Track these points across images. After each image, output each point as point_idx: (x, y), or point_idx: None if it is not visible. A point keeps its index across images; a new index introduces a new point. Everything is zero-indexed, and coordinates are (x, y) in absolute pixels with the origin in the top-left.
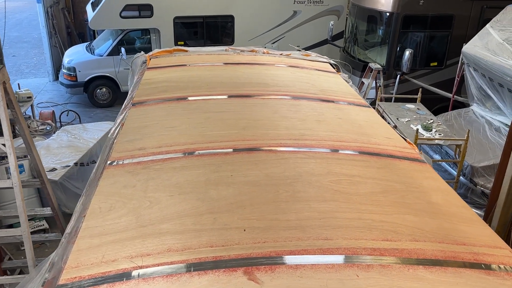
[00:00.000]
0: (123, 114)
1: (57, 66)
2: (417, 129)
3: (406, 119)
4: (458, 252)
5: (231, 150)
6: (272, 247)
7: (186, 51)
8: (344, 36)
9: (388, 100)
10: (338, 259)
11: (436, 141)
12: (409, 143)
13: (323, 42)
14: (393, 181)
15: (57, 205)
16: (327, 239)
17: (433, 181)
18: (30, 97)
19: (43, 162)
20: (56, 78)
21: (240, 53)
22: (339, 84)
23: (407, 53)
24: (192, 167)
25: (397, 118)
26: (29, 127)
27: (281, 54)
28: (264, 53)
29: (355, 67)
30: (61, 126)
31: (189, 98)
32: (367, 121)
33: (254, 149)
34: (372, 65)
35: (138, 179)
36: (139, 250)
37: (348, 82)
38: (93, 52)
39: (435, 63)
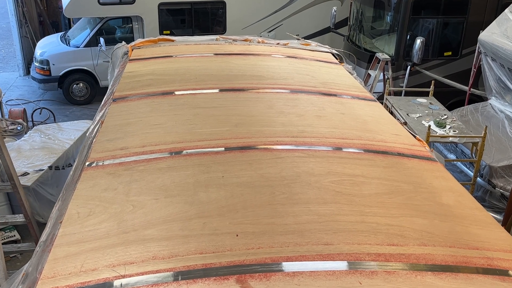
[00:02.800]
0: (103, 111)
1: (28, 59)
2: (429, 126)
3: (417, 115)
4: (471, 257)
5: (223, 149)
6: (267, 253)
7: (173, 40)
8: (349, 23)
9: (397, 94)
10: (340, 265)
11: (450, 139)
12: (419, 140)
13: (325, 30)
14: (400, 181)
15: (31, 212)
16: (328, 244)
17: (444, 181)
18: None
19: (14, 165)
20: (28, 72)
21: (232, 43)
22: (342, 76)
23: (418, 41)
24: (180, 167)
25: (407, 114)
26: None
27: (278, 44)
28: (259, 42)
29: (360, 57)
30: (33, 126)
31: (176, 93)
32: (372, 116)
33: (247, 147)
34: (379, 55)
35: (120, 181)
36: (121, 258)
37: (352, 74)
38: (69, 43)
39: (450, 53)
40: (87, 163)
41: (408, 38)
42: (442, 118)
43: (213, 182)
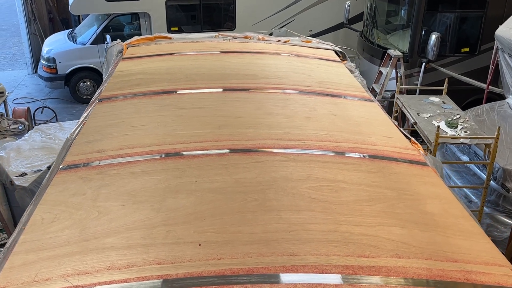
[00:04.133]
0: (88, 112)
1: (37, 56)
2: (438, 126)
3: (428, 115)
4: (447, 270)
5: (201, 152)
6: (228, 264)
7: (170, 38)
8: (364, 18)
9: (412, 92)
10: (302, 278)
11: (461, 140)
12: (414, 143)
13: (339, 26)
14: (384, 187)
15: (8, 214)
16: (293, 255)
17: (432, 187)
18: (2, 93)
19: (12, 166)
20: (36, 70)
21: (231, 40)
22: (341, 74)
23: (433, 37)
24: (153, 172)
25: (418, 113)
26: None
27: (278, 41)
28: (259, 39)
29: (374, 54)
30: (35, 125)
31: (163, 93)
32: (366, 117)
33: (227, 151)
34: (391, 52)
35: (90, 186)
36: (77, 267)
37: (353, 72)
38: (75, 41)
39: (467, 49)
40: (60, 166)
41: (423, 33)
42: (454, 118)
43: (185, 188)
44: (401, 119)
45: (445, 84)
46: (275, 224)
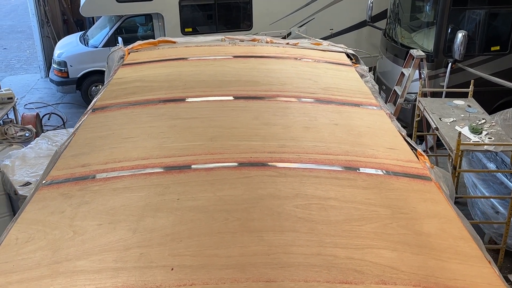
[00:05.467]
0: (80, 122)
1: (50, 60)
2: (459, 133)
3: (451, 119)
4: None
5: (188, 166)
6: None
7: (174, 42)
8: (388, 16)
9: (437, 94)
10: None
11: (485, 147)
12: (420, 154)
13: (362, 24)
14: (378, 205)
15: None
16: (270, 281)
17: (432, 204)
18: (11, 98)
19: (17, 175)
20: (49, 74)
21: (237, 44)
22: (349, 79)
23: (460, 35)
24: (136, 188)
25: (440, 118)
26: (5, 133)
27: (287, 44)
28: (267, 42)
29: (398, 54)
30: (42, 132)
31: (159, 102)
32: (370, 127)
33: (216, 165)
34: (413, 51)
35: (70, 203)
36: None
37: (365, 76)
38: (87, 43)
39: (497, 48)
40: (43, 182)
41: (449, 31)
42: (479, 123)
43: (165, 206)
44: (425, 124)
45: (471, 86)
46: (254, 247)
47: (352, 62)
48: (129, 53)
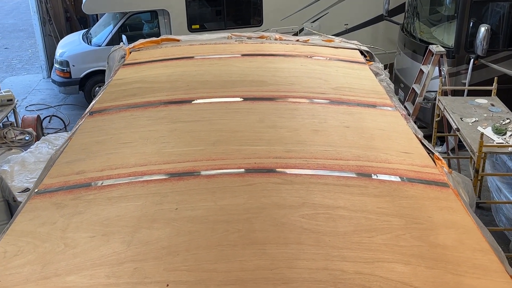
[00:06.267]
0: (77, 126)
1: (52, 59)
2: (482, 134)
3: (473, 119)
4: None
5: (187, 173)
6: None
7: (178, 40)
8: (406, 9)
9: (459, 93)
10: None
11: (510, 149)
12: (437, 159)
13: (379, 19)
14: (391, 214)
15: None
16: None
17: (449, 213)
18: (11, 100)
19: (16, 180)
20: (51, 74)
21: (244, 42)
22: (362, 78)
23: (483, 30)
24: (132, 197)
25: (461, 118)
26: (4, 137)
27: (297, 41)
28: (276, 39)
29: (416, 50)
30: (43, 135)
31: (160, 104)
32: (384, 129)
33: (217, 171)
34: (432, 47)
35: (62, 213)
36: None
37: (379, 75)
38: (90, 42)
39: None
40: (36, 190)
41: (471, 26)
42: (504, 123)
43: (162, 216)
44: (446, 124)
45: (494, 84)
46: (256, 261)
47: (366, 60)
48: (130, 53)
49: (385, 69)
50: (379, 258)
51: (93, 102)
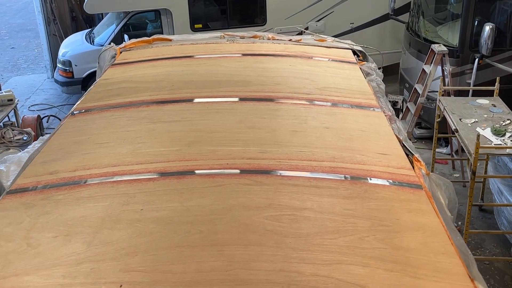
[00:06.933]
0: (59, 126)
1: (56, 59)
2: (478, 135)
3: (472, 120)
4: None
5: (159, 174)
6: None
7: (170, 40)
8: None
9: (463, 93)
10: None
11: (507, 151)
12: (416, 160)
13: (385, 17)
14: (357, 216)
15: None
16: None
17: (418, 215)
18: (11, 100)
19: (12, 180)
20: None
21: (235, 41)
22: (351, 78)
23: (487, 28)
24: (100, 197)
25: (460, 119)
26: (3, 137)
27: (290, 40)
28: (269, 39)
29: (421, 49)
30: (42, 135)
31: (142, 104)
32: (364, 130)
33: (187, 172)
34: (434, 46)
35: (29, 213)
36: None
37: (370, 75)
38: (93, 42)
39: None
40: (7, 190)
41: (475, 24)
42: (504, 124)
43: (127, 217)
44: (449, 126)
45: (496, 84)
46: (213, 262)
47: (359, 60)
48: (121, 52)
49: (378, 69)
50: (338, 260)
51: (78, 102)
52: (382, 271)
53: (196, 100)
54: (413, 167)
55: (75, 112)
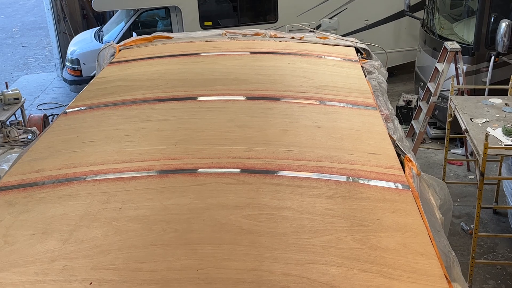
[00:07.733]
0: (51, 124)
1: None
2: (487, 135)
3: (483, 120)
4: None
5: (143, 173)
6: None
7: (170, 38)
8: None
9: (478, 92)
10: None
11: None
12: (408, 160)
13: (401, 14)
14: (337, 216)
15: None
16: None
17: (401, 216)
18: (17, 99)
19: None
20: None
21: (236, 39)
22: (351, 77)
23: (504, 25)
24: (81, 196)
25: (471, 119)
26: (8, 136)
27: (292, 38)
28: (271, 36)
29: (436, 47)
30: None
31: (134, 102)
32: (357, 130)
33: (170, 171)
34: (447, 44)
35: (11, 211)
36: None
37: (372, 73)
38: (101, 40)
39: None
40: None
41: (491, 21)
42: None
43: (105, 215)
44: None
45: (510, 82)
46: (185, 261)
47: (362, 57)
48: (120, 50)
49: (382, 67)
50: (312, 260)
51: (72, 100)
52: (356, 271)
53: (189, 98)
54: (403, 167)
55: (67, 111)
